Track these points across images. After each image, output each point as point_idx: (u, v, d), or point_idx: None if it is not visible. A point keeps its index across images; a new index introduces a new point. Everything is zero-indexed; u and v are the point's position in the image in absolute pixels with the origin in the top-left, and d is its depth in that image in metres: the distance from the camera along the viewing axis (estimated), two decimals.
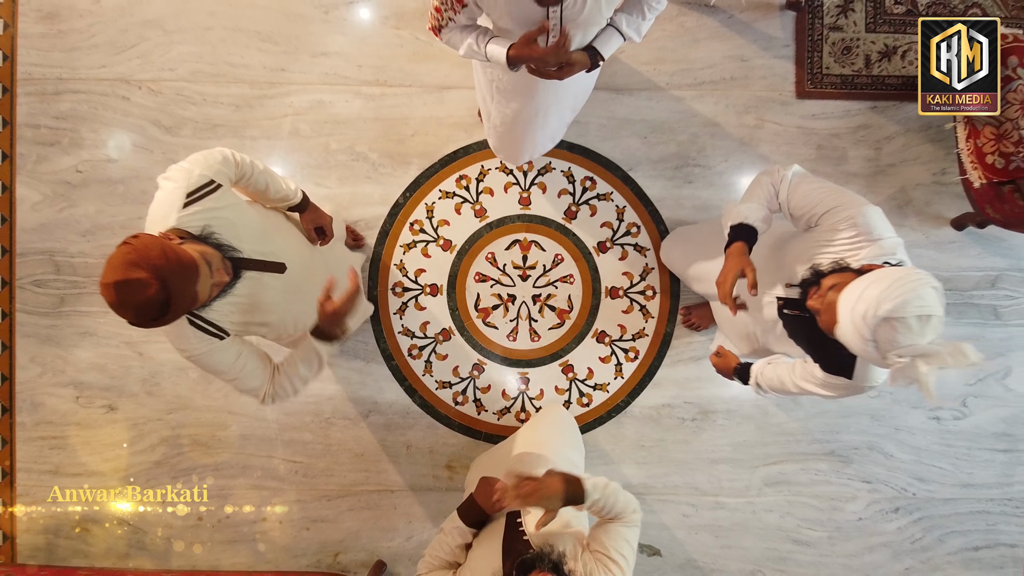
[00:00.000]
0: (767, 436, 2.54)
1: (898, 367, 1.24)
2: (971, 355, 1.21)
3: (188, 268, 1.29)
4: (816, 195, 1.58)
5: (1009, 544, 2.59)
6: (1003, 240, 2.55)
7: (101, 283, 1.25)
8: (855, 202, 1.53)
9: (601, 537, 1.52)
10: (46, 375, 2.54)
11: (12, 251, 2.54)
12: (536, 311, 2.55)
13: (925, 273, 1.31)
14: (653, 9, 1.67)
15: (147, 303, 1.24)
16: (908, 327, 1.22)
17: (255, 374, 1.58)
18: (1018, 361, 2.57)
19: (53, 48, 2.53)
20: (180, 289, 1.27)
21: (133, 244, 1.28)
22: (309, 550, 2.53)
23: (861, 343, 1.28)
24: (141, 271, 1.23)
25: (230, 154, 1.59)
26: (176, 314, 1.32)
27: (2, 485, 2.56)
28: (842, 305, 1.31)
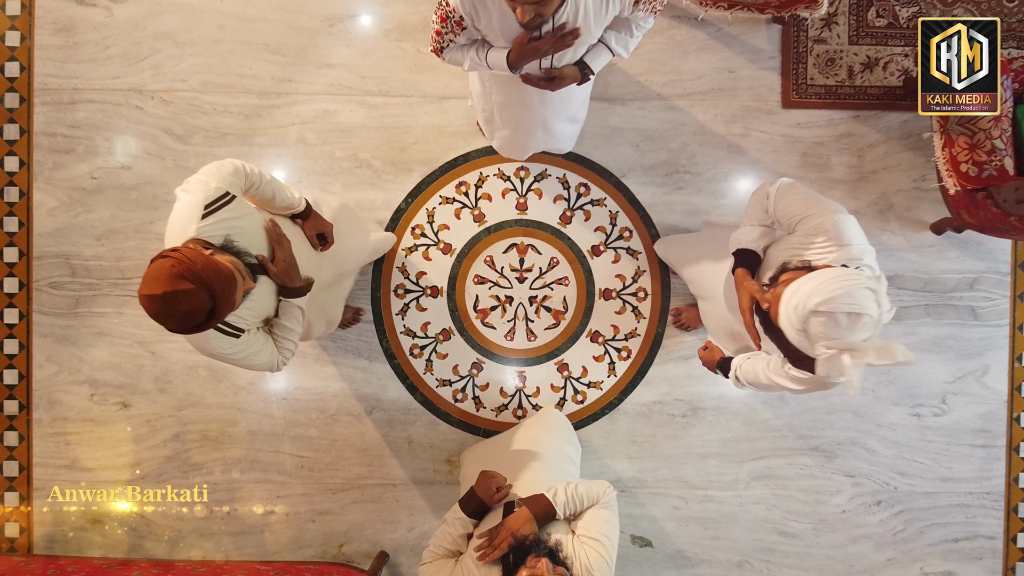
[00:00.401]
0: (754, 432, 2.65)
1: (824, 357, 1.35)
2: (899, 354, 1.31)
3: (229, 278, 1.39)
4: (796, 205, 1.69)
5: (988, 536, 2.70)
6: (981, 244, 2.66)
7: (144, 295, 1.32)
8: (829, 210, 1.63)
9: (583, 523, 1.64)
10: (62, 373, 2.65)
11: (29, 255, 2.65)
12: (533, 312, 2.65)
13: (866, 276, 1.41)
14: (640, 28, 1.78)
15: (194, 312, 1.33)
16: (836, 322, 1.32)
17: (263, 352, 1.69)
18: (995, 360, 2.67)
19: (69, 59, 2.64)
20: (224, 297, 1.37)
21: (177, 257, 1.35)
22: (315, 541, 2.64)
23: (794, 333, 1.40)
24: (187, 282, 1.32)
25: (240, 165, 1.69)
26: (219, 320, 1.42)
27: (19, 480, 2.67)
28: (783, 298, 1.43)
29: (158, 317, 1.37)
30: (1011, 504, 2.69)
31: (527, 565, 1.48)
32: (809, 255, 1.59)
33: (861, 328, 1.35)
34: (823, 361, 1.40)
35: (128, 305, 2.63)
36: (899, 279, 2.65)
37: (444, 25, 1.73)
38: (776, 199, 1.71)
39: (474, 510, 1.69)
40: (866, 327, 1.35)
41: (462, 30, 1.73)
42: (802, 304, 1.36)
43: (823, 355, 1.39)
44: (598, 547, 1.57)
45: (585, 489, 1.66)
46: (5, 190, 2.64)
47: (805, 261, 1.58)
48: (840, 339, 1.34)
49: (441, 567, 1.65)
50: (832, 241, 1.57)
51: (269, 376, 2.61)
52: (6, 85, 2.64)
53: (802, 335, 1.40)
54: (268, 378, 2.62)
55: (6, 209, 2.64)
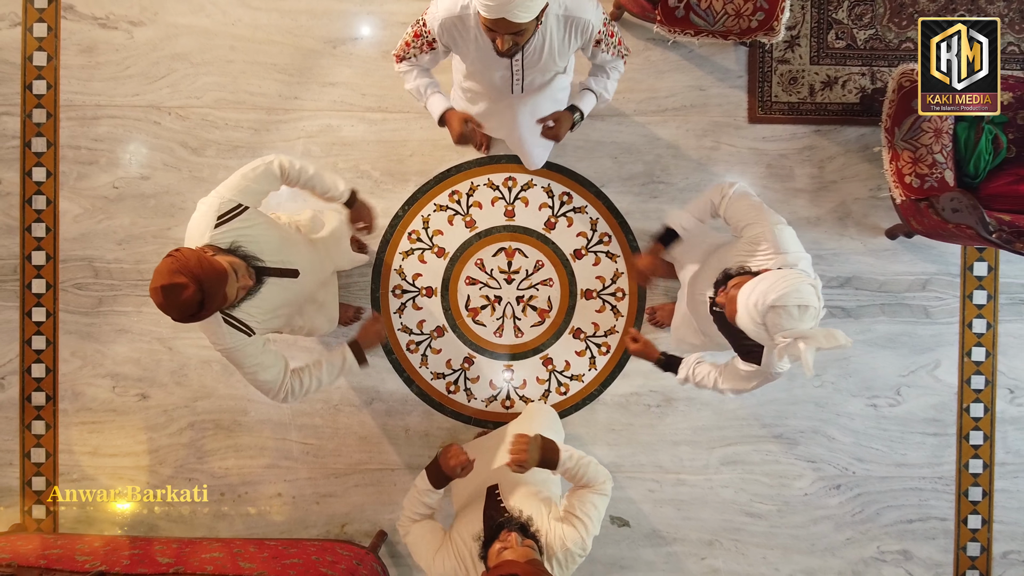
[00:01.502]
0: (723, 421, 2.87)
1: (783, 346, 1.58)
2: (841, 339, 1.54)
3: (219, 274, 1.60)
4: (745, 211, 1.93)
5: (939, 518, 2.92)
6: (932, 248, 2.89)
7: (151, 288, 1.56)
8: (772, 221, 1.86)
9: (572, 500, 1.84)
10: (86, 368, 2.87)
11: (56, 258, 2.87)
12: (520, 311, 2.88)
13: (806, 274, 1.64)
14: (615, 71, 2.03)
15: (187, 302, 1.55)
16: (790, 314, 1.54)
17: (270, 370, 1.89)
18: (946, 355, 2.90)
19: (92, 78, 2.86)
20: (213, 290, 1.58)
21: (176, 256, 1.59)
22: (319, 521, 2.86)
23: (754, 327, 1.61)
24: (182, 277, 1.54)
25: (276, 165, 1.90)
26: (210, 311, 1.63)
27: (46, 465, 2.89)
28: (740, 298, 1.64)
29: (161, 307, 1.59)
30: (961, 488, 2.92)
31: (499, 539, 1.68)
32: (752, 263, 1.82)
33: (808, 318, 1.57)
34: (781, 349, 1.59)
35: (147, 304, 2.85)
36: (857, 280, 2.88)
37: (415, 40, 1.95)
38: (729, 202, 1.93)
39: (437, 479, 1.88)
40: (812, 317, 1.57)
41: (430, 50, 1.95)
42: (761, 301, 1.57)
43: (781, 344, 1.58)
44: (579, 525, 1.77)
45: (590, 468, 1.84)
46: (33, 198, 2.86)
47: (746, 267, 1.81)
48: (793, 329, 1.56)
49: (431, 530, 1.86)
50: (772, 249, 1.80)
51: None
52: (34, 102, 2.86)
53: (761, 328, 1.61)
54: None
55: (34, 216, 2.86)
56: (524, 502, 1.86)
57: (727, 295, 1.74)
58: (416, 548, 1.85)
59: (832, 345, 1.52)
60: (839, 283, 2.87)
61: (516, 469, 1.80)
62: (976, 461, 2.91)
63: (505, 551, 1.62)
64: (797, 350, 1.53)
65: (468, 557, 1.74)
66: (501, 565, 1.54)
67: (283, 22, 2.83)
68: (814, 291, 1.57)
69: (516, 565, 1.52)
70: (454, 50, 1.96)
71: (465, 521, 1.87)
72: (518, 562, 1.54)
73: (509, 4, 1.60)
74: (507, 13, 1.62)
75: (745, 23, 2.44)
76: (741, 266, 1.78)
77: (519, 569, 1.50)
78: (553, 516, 1.82)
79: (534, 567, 1.53)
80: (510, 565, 1.52)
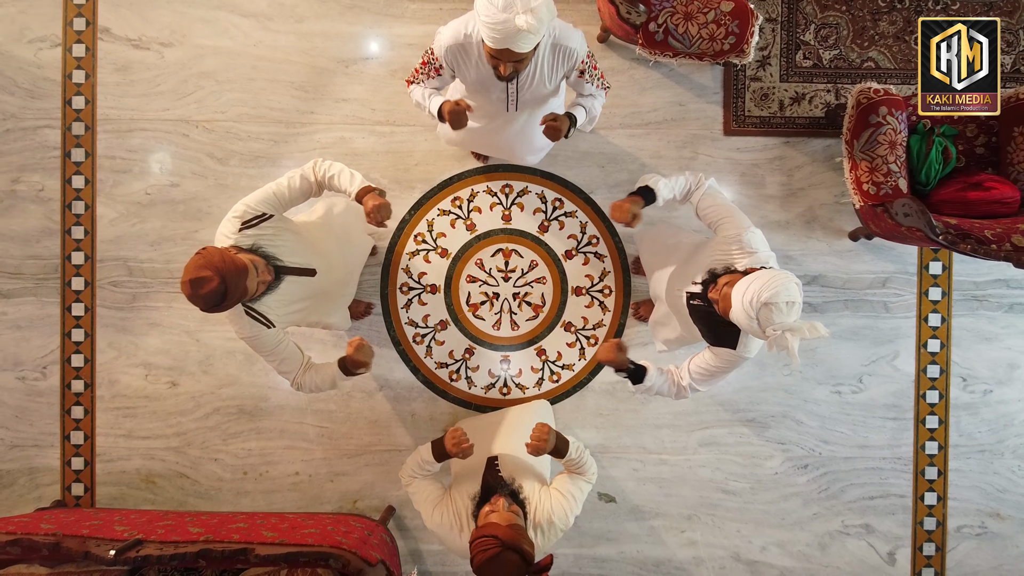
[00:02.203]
0: (701, 406, 3.15)
1: (773, 338, 1.81)
2: (822, 330, 1.76)
3: (240, 269, 1.83)
4: (720, 210, 2.15)
5: (898, 495, 3.19)
6: (892, 249, 3.16)
7: (182, 280, 1.79)
8: (743, 224, 2.11)
9: (564, 480, 2.11)
10: (121, 358, 3.15)
11: (93, 258, 3.15)
12: (516, 306, 3.16)
13: (790, 273, 1.85)
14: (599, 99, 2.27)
15: (211, 293, 1.78)
16: (780, 310, 1.76)
17: (288, 362, 2.15)
18: (904, 346, 3.17)
19: (126, 95, 3.14)
20: (234, 283, 1.80)
21: (203, 253, 1.82)
22: (333, 498, 3.14)
23: (748, 321, 1.82)
24: (207, 271, 1.77)
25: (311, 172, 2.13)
26: (232, 302, 1.85)
27: (84, 447, 3.17)
28: (735, 295, 1.85)
29: (190, 297, 1.80)
30: (918, 468, 3.20)
31: (490, 503, 1.95)
32: (731, 261, 2.08)
33: (794, 312, 1.78)
34: (771, 340, 1.78)
35: (177, 300, 3.13)
36: (823, 279, 3.16)
37: (424, 68, 2.22)
38: (704, 195, 2.15)
39: (439, 455, 2.14)
40: (796, 311, 1.79)
41: (437, 75, 2.22)
42: (755, 299, 1.78)
43: (772, 335, 1.78)
44: (564, 501, 2.04)
45: (588, 461, 2.13)
46: (73, 204, 3.14)
47: (730, 266, 2.07)
48: (782, 322, 1.76)
49: (432, 486, 2.12)
50: (744, 249, 2.06)
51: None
52: (73, 116, 3.14)
53: (754, 322, 1.82)
54: None
55: (74, 220, 3.15)
56: (518, 474, 2.14)
57: (720, 292, 1.93)
58: (417, 498, 2.12)
59: (815, 336, 1.74)
60: (807, 281, 3.15)
61: (533, 453, 2.06)
62: (932, 443, 3.18)
63: (492, 514, 1.87)
64: (785, 340, 1.75)
65: (463, 514, 2.02)
66: (486, 526, 1.81)
67: (300, 43, 3.11)
68: (798, 288, 1.79)
69: (498, 527, 1.78)
70: (456, 73, 2.22)
71: (464, 483, 2.14)
72: (500, 525, 1.80)
73: (513, 37, 1.85)
74: (511, 44, 1.87)
75: (718, 46, 2.72)
76: (727, 266, 2.02)
77: (500, 531, 1.76)
78: (543, 490, 2.10)
79: (514, 531, 1.78)
80: (493, 527, 1.79)
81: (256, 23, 3.11)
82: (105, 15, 3.13)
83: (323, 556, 2.38)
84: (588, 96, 2.31)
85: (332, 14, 3.11)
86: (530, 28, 1.82)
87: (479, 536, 1.77)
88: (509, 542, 1.72)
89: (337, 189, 2.20)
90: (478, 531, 1.82)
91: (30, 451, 3.17)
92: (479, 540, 1.75)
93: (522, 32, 1.83)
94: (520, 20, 1.81)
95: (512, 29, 1.82)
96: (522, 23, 1.81)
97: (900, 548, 3.18)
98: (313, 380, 2.19)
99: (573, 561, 3.14)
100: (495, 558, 1.71)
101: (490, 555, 1.71)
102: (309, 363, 2.22)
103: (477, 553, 1.74)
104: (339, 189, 2.20)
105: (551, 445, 2.07)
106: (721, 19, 2.61)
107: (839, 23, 3.16)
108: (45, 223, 3.14)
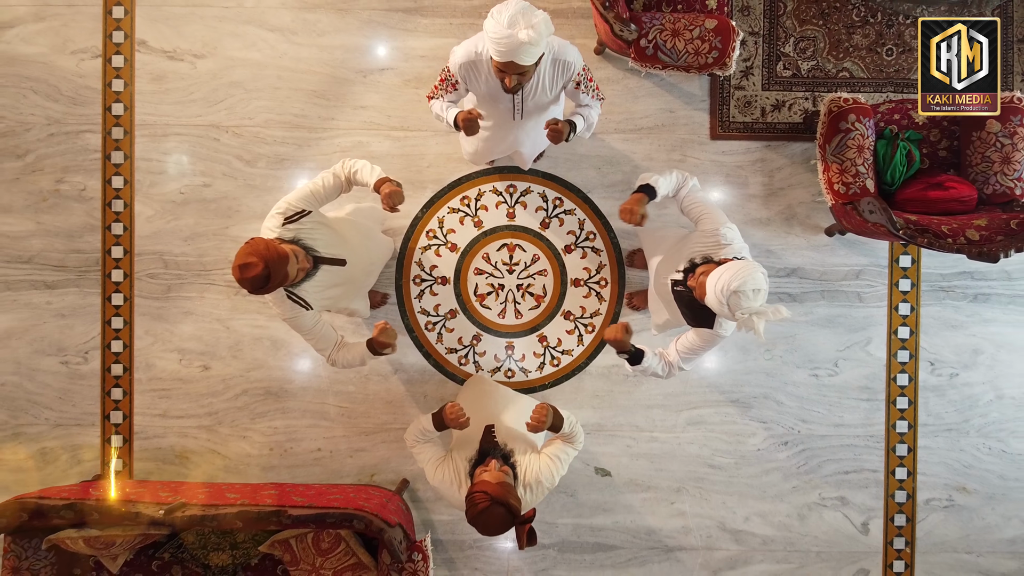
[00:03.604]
0: (689, 388, 3.43)
1: (742, 320, 2.05)
2: (784, 312, 2.02)
3: (282, 256, 2.11)
4: (701, 207, 2.42)
5: (871, 470, 3.46)
6: (865, 244, 3.44)
7: (232, 266, 2.06)
8: (721, 220, 2.39)
9: (554, 446, 2.40)
10: (157, 343, 3.43)
11: (132, 252, 3.43)
12: (519, 296, 3.44)
13: (757, 264, 2.10)
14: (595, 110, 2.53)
15: (257, 277, 2.05)
16: (747, 296, 2.02)
17: (324, 340, 2.43)
18: (876, 333, 3.45)
19: (162, 102, 3.42)
20: (276, 269, 2.08)
21: (251, 242, 2.10)
22: (352, 471, 3.42)
23: (720, 306, 2.08)
24: (253, 258, 2.05)
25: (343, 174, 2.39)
26: (275, 285, 2.11)
27: (123, 426, 3.45)
28: (709, 284, 2.11)
29: (239, 280, 2.07)
30: (889, 445, 3.47)
31: (484, 464, 2.24)
32: (709, 252, 2.36)
33: (760, 298, 2.04)
34: (740, 322, 2.03)
35: (208, 291, 3.41)
36: (801, 271, 3.44)
37: (442, 84, 2.50)
38: (689, 192, 2.43)
39: (439, 425, 2.40)
40: (762, 297, 2.05)
41: (453, 90, 2.51)
42: (725, 287, 2.03)
43: (741, 319, 2.03)
44: (551, 464, 2.32)
45: (579, 432, 2.41)
46: (112, 202, 3.42)
47: (709, 257, 2.35)
48: (750, 307, 2.02)
49: (434, 447, 2.40)
50: (719, 243, 2.33)
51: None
52: (113, 121, 3.42)
53: (725, 307, 2.08)
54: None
55: (113, 217, 3.43)
56: (511, 441, 2.42)
57: (697, 281, 2.20)
58: (421, 458, 2.40)
59: (778, 318, 2.01)
60: (786, 273, 3.43)
61: (532, 430, 2.34)
62: (902, 422, 3.46)
63: (484, 473, 2.17)
64: (751, 322, 2.01)
65: (462, 472, 2.30)
66: (478, 483, 2.11)
67: (321, 55, 3.39)
68: (764, 277, 2.05)
69: (488, 484, 2.08)
70: (469, 87, 2.50)
71: (462, 446, 2.42)
72: (491, 483, 2.09)
73: (517, 51, 2.12)
74: (515, 57, 2.14)
75: (703, 60, 3.00)
76: (706, 256, 2.29)
77: (490, 488, 2.06)
78: (533, 455, 2.38)
79: (503, 488, 2.08)
80: (484, 484, 2.09)
81: (281, 37, 3.39)
82: (142, 29, 3.41)
83: (348, 517, 2.66)
84: (585, 107, 2.59)
85: (351, 28, 3.39)
86: (531, 41, 2.08)
87: (472, 492, 2.07)
88: (498, 497, 2.02)
89: (361, 182, 2.47)
90: (472, 488, 2.11)
91: (72, 430, 3.45)
92: (472, 495, 2.07)
93: (524, 45, 2.10)
94: (522, 34, 2.08)
95: (516, 43, 2.09)
96: (524, 37, 2.08)
97: (873, 519, 3.46)
98: (345, 357, 2.47)
99: (572, 530, 3.42)
100: (485, 511, 2.01)
101: (480, 508, 2.02)
102: (343, 342, 2.49)
103: (470, 507, 2.05)
104: (363, 182, 2.46)
105: (549, 422, 2.34)
106: (705, 35, 2.89)
107: (816, 36, 3.44)
108: (87, 220, 3.42)
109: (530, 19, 2.09)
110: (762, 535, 3.44)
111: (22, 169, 3.41)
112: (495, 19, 2.11)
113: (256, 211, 3.39)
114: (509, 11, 2.09)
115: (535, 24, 2.09)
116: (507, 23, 2.09)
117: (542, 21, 2.11)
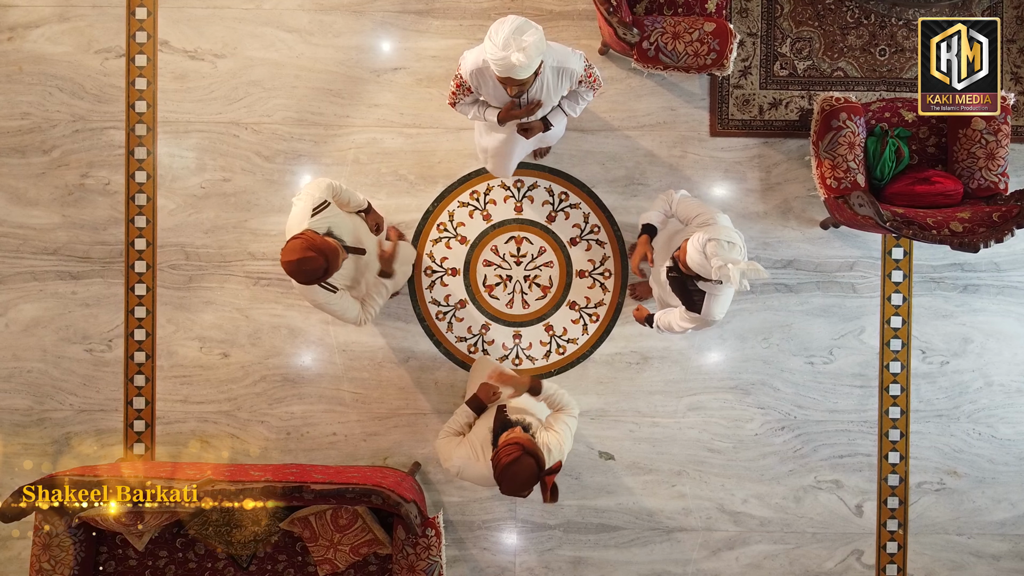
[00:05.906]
0: (689, 375, 3.57)
1: (719, 268, 2.21)
2: (762, 271, 2.20)
3: (335, 250, 2.29)
4: (692, 207, 2.61)
5: (865, 454, 3.60)
6: (858, 236, 3.58)
7: (285, 260, 2.22)
8: (713, 211, 2.56)
9: (552, 420, 2.56)
10: (179, 332, 3.57)
11: (154, 243, 3.57)
12: (526, 287, 3.58)
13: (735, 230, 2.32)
14: (585, 99, 2.71)
15: (316, 269, 2.23)
16: (721, 246, 2.22)
17: (351, 311, 2.60)
18: (869, 322, 3.58)
19: (184, 100, 3.56)
20: (333, 262, 2.27)
21: (303, 237, 2.26)
22: (366, 455, 3.56)
23: (699, 257, 2.28)
24: (312, 252, 2.22)
25: (330, 182, 2.58)
26: (330, 276, 2.32)
27: (146, 411, 3.59)
28: (690, 243, 2.33)
29: (293, 274, 2.26)
30: (882, 430, 3.61)
31: (508, 430, 2.39)
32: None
33: (735, 251, 2.25)
34: (717, 270, 2.21)
35: (228, 281, 3.55)
36: (797, 262, 3.58)
37: (458, 89, 2.66)
38: (679, 203, 2.64)
39: (476, 407, 2.60)
40: (738, 251, 2.26)
41: (469, 94, 2.66)
42: (702, 238, 2.27)
43: (717, 265, 2.21)
44: (556, 436, 2.48)
45: (563, 396, 2.57)
46: (136, 196, 3.57)
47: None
48: (726, 256, 2.22)
49: (453, 441, 2.56)
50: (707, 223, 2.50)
51: (334, 332, 3.53)
52: (136, 118, 3.57)
53: (703, 256, 2.27)
54: (332, 334, 3.54)
55: (137, 210, 3.57)
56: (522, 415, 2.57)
57: (682, 248, 2.41)
58: (442, 447, 2.55)
59: (754, 272, 2.17)
60: (782, 264, 3.57)
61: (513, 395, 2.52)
62: (895, 408, 3.60)
63: (512, 434, 2.33)
64: (727, 271, 2.18)
65: (479, 444, 2.46)
66: (510, 439, 2.26)
67: (337, 55, 3.54)
68: (740, 239, 2.27)
69: (520, 438, 2.24)
70: (479, 91, 2.66)
71: (480, 427, 2.58)
72: (522, 436, 2.26)
73: (512, 68, 2.28)
74: (511, 74, 2.30)
75: (702, 61, 3.14)
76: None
77: (523, 440, 2.23)
78: (541, 428, 2.53)
79: (532, 443, 2.25)
80: (516, 438, 2.25)
81: (299, 37, 3.53)
82: (165, 29, 3.55)
83: (367, 492, 2.81)
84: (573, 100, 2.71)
85: (366, 30, 3.54)
86: (521, 64, 2.24)
87: (504, 444, 2.21)
88: (529, 448, 2.17)
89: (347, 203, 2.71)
90: (503, 442, 2.26)
91: (96, 415, 3.59)
92: (504, 448, 2.20)
93: (515, 67, 2.26)
94: (514, 57, 2.23)
95: (509, 64, 2.25)
96: (515, 60, 2.23)
97: (867, 501, 3.59)
98: (372, 303, 2.67)
99: (576, 511, 3.56)
100: (517, 460, 2.16)
101: (513, 458, 2.16)
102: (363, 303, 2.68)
103: (502, 458, 2.18)
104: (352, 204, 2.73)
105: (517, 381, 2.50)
106: (704, 38, 3.04)
107: (812, 37, 3.58)
108: (111, 213, 3.56)
109: (521, 42, 2.22)
110: (759, 516, 3.58)
111: (48, 164, 3.55)
112: (492, 40, 2.27)
113: (274, 205, 3.53)
114: (503, 33, 2.24)
115: (526, 47, 2.22)
116: (501, 45, 2.24)
117: (532, 44, 2.23)
